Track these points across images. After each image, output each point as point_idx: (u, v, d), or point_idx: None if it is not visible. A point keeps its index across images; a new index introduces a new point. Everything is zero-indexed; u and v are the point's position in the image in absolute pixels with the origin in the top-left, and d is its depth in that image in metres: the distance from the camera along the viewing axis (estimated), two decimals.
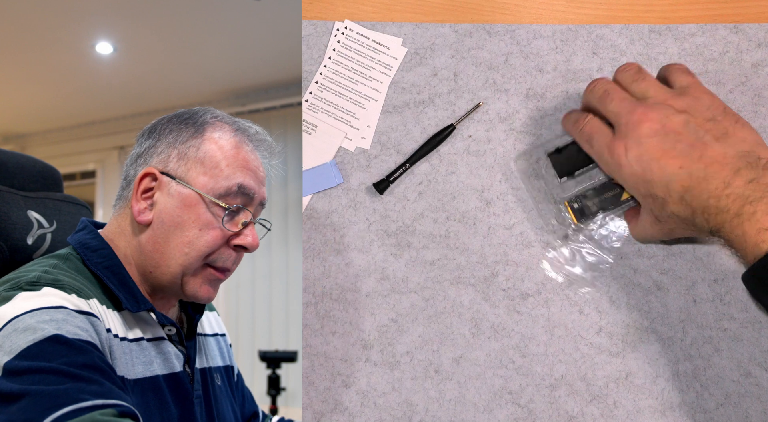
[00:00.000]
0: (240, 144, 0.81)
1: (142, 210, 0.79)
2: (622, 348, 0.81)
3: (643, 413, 0.80)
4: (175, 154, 0.80)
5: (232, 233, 0.79)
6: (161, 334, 0.80)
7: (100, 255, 0.79)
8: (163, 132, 0.81)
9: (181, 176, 0.79)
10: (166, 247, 0.78)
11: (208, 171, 0.79)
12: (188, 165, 0.79)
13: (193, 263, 0.78)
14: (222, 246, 0.80)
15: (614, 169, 0.72)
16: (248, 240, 0.80)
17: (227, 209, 0.78)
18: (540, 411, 0.80)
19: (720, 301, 0.81)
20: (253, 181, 0.81)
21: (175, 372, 0.80)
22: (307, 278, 0.85)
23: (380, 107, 0.87)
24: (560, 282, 0.82)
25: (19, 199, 0.87)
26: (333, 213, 0.85)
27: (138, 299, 0.77)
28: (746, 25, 0.84)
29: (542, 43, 0.86)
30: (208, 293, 0.81)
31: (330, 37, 0.88)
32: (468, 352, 0.82)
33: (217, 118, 0.82)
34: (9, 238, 0.84)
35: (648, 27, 0.85)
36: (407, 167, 0.84)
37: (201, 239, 0.78)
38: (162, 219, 0.78)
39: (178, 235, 0.78)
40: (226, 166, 0.79)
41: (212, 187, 0.79)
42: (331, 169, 0.85)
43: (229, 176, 0.79)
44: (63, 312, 0.68)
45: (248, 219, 0.80)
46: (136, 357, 0.76)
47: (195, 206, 0.78)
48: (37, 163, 0.94)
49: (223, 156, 0.79)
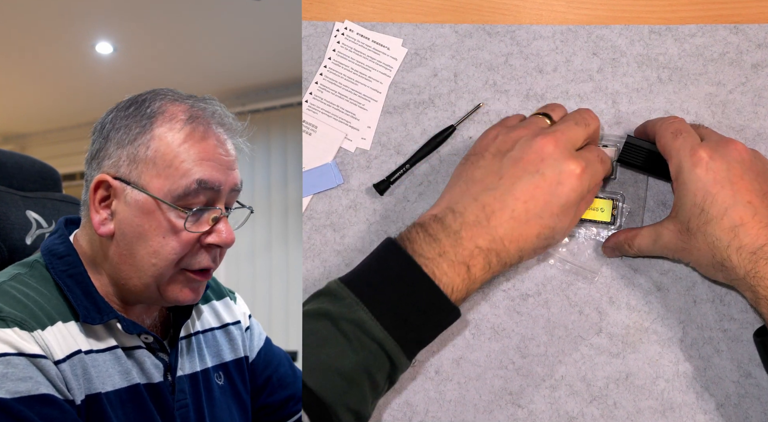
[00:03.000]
0: (194, 132, 0.71)
1: (102, 221, 0.71)
2: (622, 349, 0.81)
3: (643, 413, 0.80)
4: (125, 156, 0.71)
5: (201, 233, 0.71)
6: (137, 343, 0.74)
7: (65, 263, 0.73)
8: (112, 129, 0.72)
9: (134, 181, 0.70)
10: (134, 260, 0.71)
11: (162, 171, 0.70)
12: (140, 167, 0.70)
13: (164, 272, 0.71)
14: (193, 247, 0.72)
15: (685, 167, 0.71)
16: (222, 237, 0.71)
17: (189, 211, 0.70)
18: (540, 412, 0.80)
19: (720, 302, 0.81)
20: (217, 171, 0.71)
21: (153, 382, 0.74)
22: (307, 278, 0.85)
23: (380, 108, 0.86)
24: (566, 271, 0.82)
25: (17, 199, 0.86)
26: (333, 213, 0.85)
27: (101, 310, 0.71)
28: (746, 26, 0.84)
29: (542, 43, 0.86)
30: (191, 295, 0.74)
31: (330, 37, 0.88)
32: (468, 353, 0.82)
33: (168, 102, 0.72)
34: (8, 238, 0.83)
35: (648, 27, 0.85)
36: (407, 168, 0.84)
37: (167, 247, 0.70)
38: (123, 230, 0.71)
39: (142, 246, 0.70)
40: (182, 162, 0.70)
41: (170, 189, 0.69)
42: (331, 170, 0.85)
43: (186, 173, 0.69)
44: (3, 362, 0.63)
45: (218, 214, 0.71)
46: (112, 367, 0.71)
47: (154, 213, 0.70)
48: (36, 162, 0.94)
49: (177, 151, 0.70)
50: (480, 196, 0.69)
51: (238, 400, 0.84)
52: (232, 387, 0.84)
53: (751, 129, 0.83)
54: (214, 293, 0.88)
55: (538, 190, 0.68)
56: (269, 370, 0.88)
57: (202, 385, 0.80)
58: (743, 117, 0.83)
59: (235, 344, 0.86)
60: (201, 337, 0.83)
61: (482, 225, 0.68)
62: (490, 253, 0.68)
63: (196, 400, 0.78)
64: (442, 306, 0.68)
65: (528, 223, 0.69)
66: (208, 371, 0.82)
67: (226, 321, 0.87)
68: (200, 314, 0.84)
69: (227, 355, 0.85)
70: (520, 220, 0.68)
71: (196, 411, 0.78)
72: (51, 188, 0.93)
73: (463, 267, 0.68)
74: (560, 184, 0.68)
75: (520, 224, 0.68)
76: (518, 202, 0.68)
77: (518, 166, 0.69)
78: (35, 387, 0.64)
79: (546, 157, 0.69)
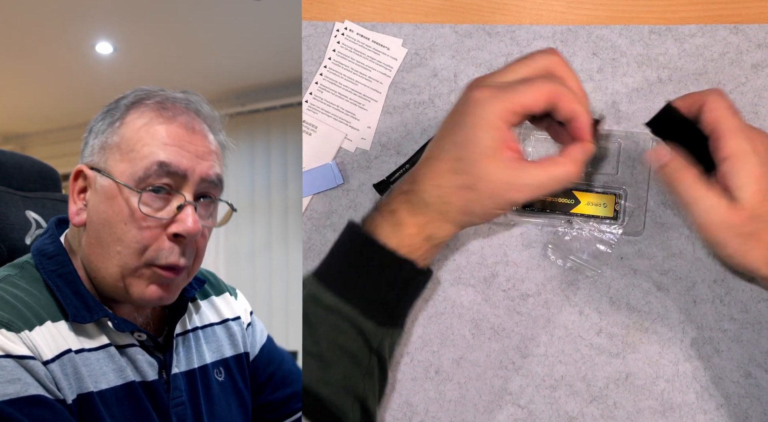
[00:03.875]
0: (158, 117, 0.69)
1: (77, 211, 0.71)
2: (622, 349, 0.81)
3: (643, 413, 0.80)
4: (98, 145, 0.70)
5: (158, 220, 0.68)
6: (130, 341, 0.73)
7: (55, 263, 0.72)
8: (94, 125, 0.72)
9: (103, 167, 0.69)
10: (101, 249, 0.69)
11: (125, 156, 0.68)
12: (107, 153, 0.69)
13: (128, 262, 0.69)
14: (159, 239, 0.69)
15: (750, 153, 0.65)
16: (185, 225, 0.68)
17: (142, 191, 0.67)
18: (540, 412, 0.80)
19: (720, 302, 0.81)
20: (182, 156, 0.69)
21: (148, 380, 0.73)
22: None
23: (380, 108, 0.86)
24: (567, 269, 0.82)
25: (17, 199, 0.86)
26: (333, 213, 0.85)
27: (91, 308, 0.70)
28: (746, 26, 0.84)
29: (542, 43, 0.86)
30: (158, 294, 0.71)
31: (330, 37, 0.88)
32: (468, 353, 0.82)
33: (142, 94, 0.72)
34: (7, 238, 0.83)
35: (648, 28, 0.85)
36: (407, 168, 0.84)
37: (128, 234, 0.68)
38: (92, 218, 0.70)
39: (107, 233, 0.69)
40: (144, 146, 0.68)
41: (132, 173, 0.68)
42: (331, 170, 0.85)
43: (148, 155, 0.68)
44: None
45: (182, 202, 0.69)
46: (106, 365, 0.70)
47: (116, 198, 0.68)
48: (36, 163, 0.94)
49: (140, 135, 0.69)
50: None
51: (238, 396, 0.84)
52: (233, 382, 0.84)
53: None
54: (213, 289, 0.87)
55: (446, 125, 0.68)
56: (272, 367, 0.87)
57: (200, 382, 0.79)
58: (743, 117, 0.83)
59: (235, 340, 0.85)
60: (200, 333, 0.82)
61: (410, 174, 0.69)
62: (409, 195, 0.68)
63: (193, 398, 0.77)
64: (384, 258, 0.68)
65: (440, 160, 0.67)
66: (207, 367, 0.81)
67: (225, 316, 0.86)
68: (198, 310, 0.84)
69: (227, 351, 0.84)
70: (433, 158, 0.68)
71: (193, 409, 0.77)
72: (51, 188, 0.93)
73: (390, 215, 0.68)
74: (462, 113, 0.66)
75: (433, 162, 0.67)
76: (433, 142, 0.69)
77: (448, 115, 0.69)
78: (24, 389, 0.64)
79: (460, 96, 0.68)
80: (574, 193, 0.82)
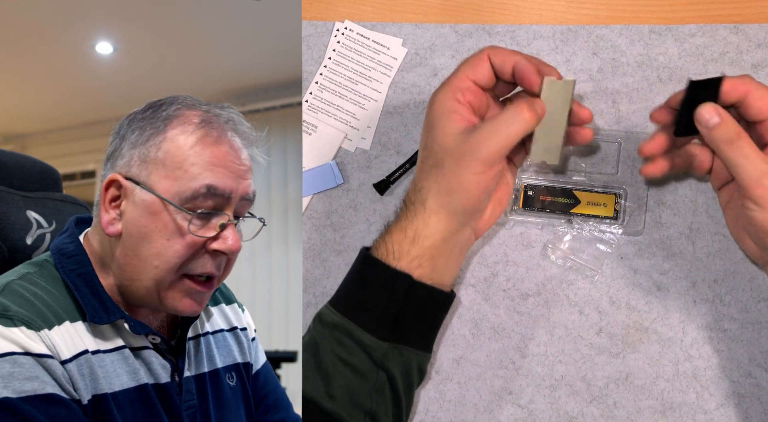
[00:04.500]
0: (206, 137, 0.70)
1: (111, 220, 0.71)
2: (622, 349, 0.81)
3: (643, 413, 0.80)
4: (137, 157, 0.71)
5: (206, 238, 0.70)
6: (144, 343, 0.74)
7: (74, 262, 0.73)
8: (128, 131, 0.72)
9: (143, 181, 0.70)
10: (137, 261, 0.71)
11: (171, 173, 0.69)
12: (150, 167, 0.70)
13: (165, 276, 0.70)
14: (197, 252, 0.71)
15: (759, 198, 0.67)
16: (227, 244, 0.71)
17: (194, 214, 0.69)
18: (540, 412, 0.80)
19: (720, 302, 0.81)
20: (227, 177, 0.70)
21: (161, 383, 0.74)
22: (307, 278, 0.85)
23: (380, 107, 0.87)
24: (567, 269, 0.82)
25: (18, 198, 0.86)
26: (333, 213, 0.85)
27: (109, 310, 0.71)
28: (746, 26, 0.84)
29: (542, 43, 0.86)
30: (191, 307, 0.73)
31: (330, 37, 0.88)
32: (468, 353, 0.82)
33: (184, 107, 0.72)
34: (8, 238, 0.83)
35: (648, 27, 0.85)
36: (407, 167, 0.84)
37: (170, 249, 0.70)
38: (129, 230, 0.71)
39: (146, 247, 0.70)
40: (192, 165, 0.69)
41: (177, 191, 0.69)
42: (331, 170, 0.85)
43: (196, 177, 0.69)
44: (9, 361, 0.63)
45: (225, 221, 0.71)
46: (120, 367, 0.71)
47: (160, 214, 0.69)
48: (37, 163, 0.94)
49: (187, 154, 0.69)
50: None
51: (247, 402, 0.84)
52: (243, 388, 0.84)
53: None
54: (224, 297, 0.88)
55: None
56: (266, 389, 0.88)
57: (209, 386, 0.79)
58: None
59: (243, 348, 0.86)
60: (211, 338, 0.83)
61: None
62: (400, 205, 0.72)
63: (202, 402, 0.78)
64: (374, 270, 0.70)
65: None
66: (218, 372, 0.82)
67: (234, 324, 0.87)
68: (210, 316, 0.84)
69: (238, 357, 0.85)
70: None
71: (202, 413, 0.77)
72: (51, 188, 0.93)
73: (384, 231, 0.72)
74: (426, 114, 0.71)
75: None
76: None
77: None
78: (41, 387, 0.64)
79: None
80: (574, 193, 0.82)
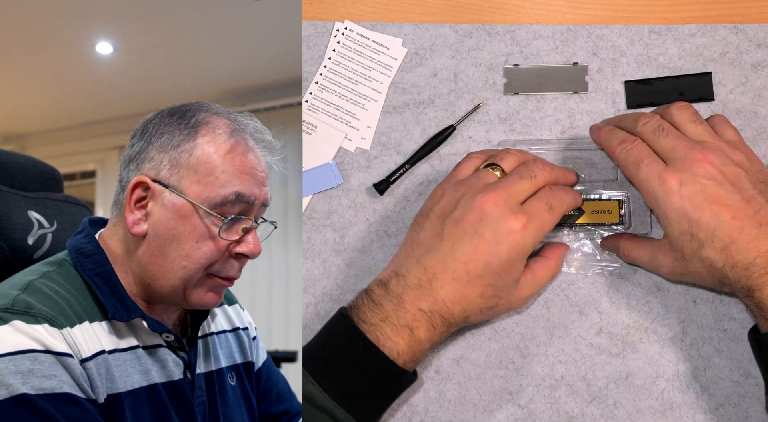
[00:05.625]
0: (236, 146, 0.74)
1: (136, 221, 0.74)
2: (622, 349, 0.81)
3: (643, 413, 0.80)
4: (167, 161, 0.74)
5: (231, 242, 0.74)
6: (158, 341, 0.76)
7: (93, 261, 0.75)
8: (155, 134, 0.75)
9: (174, 185, 0.73)
10: (164, 260, 0.73)
11: (202, 179, 0.73)
12: (181, 172, 0.73)
13: (193, 275, 0.74)
14: (223, 255, 0.75)
15: (659, 198, 0.70)
16: (250, 247, 0.75)
17: (224, 220, 0.73)
18: (540, 412, 0.80)
19: (720, 302, 0.81)
20: (253, 185, 0.75)
21: (174, 380, 0.76)
22: (307, 278, 0.85)
23: (380, 107, 0.87)
24: (590, 276, 0.82)
25: (19, 199, 0.86)
26: (333, 213, 0.85)
27: (128, 308, 0.73)
28: (746, 26, 0.84)
29: (542, 43, 0.86)
30: (215, 299, 0.77)
31: (330, 37, 0.88)
32: (468, 353, 0.82)
33: (212, 115, 0.76)
34: (9, 238, 0.83)
35: (648, 27, 0.85)
36: (407, 168, 0.84)
37: (199, 251, 0.73)
38: (157, 231, 0.73)
39: (174, 248, 0.73)
40: (222, 173, 0.73)
41: (207, 196, 0.73)
42: (331, 170, 0.85)
43: (226, 184, 0.73)
44: (30, 358, 0.65)
45: (249, 225, 0.75)
46: (132, 367, 0.73)
47: (190, 217, 0.73)
48: (38, 163, 0.94)
49: (218, 162, 0.73)
50: (422, 258, 0.70)
51: (248, 401, 0.86)
52: (243, 388, 0.86)
53: (751, 129, 0.83)
54: (226, 298, 0.90)
55: (477, 250, 0.69)
56: (270, 383, 0.91)
57: (216, 384, 0.82)
58: (743, 117, 0.83)
59: (244, 348, 0.89)
60: (215, 338, 0.85)
61: (424, 288, 0.69)
62: (433, 316, 0.69)
63: (210, 398, 0.80)
64: (388, 370, 0.69)
65: (470, 284, 0.69)
66: (222, 371, 0.84)
67: (236, 325, 0.90)
68: (214, 316, 0.87)
69: (238, 357, 0.87)
70: (461, 281, 0.69)
71: (211, 409, 0.79)
72: (52, 188, 0.93)
73: (406, 331, 0.69)
74: (499, 243, 0.69)
75: (462, 285, 0.69)
76: (458, 263, 0.69)
77: (459, 227, 0.70)
78: (59, 386, 0.66)
79: (485, 217, 0.69)
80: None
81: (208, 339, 0.84)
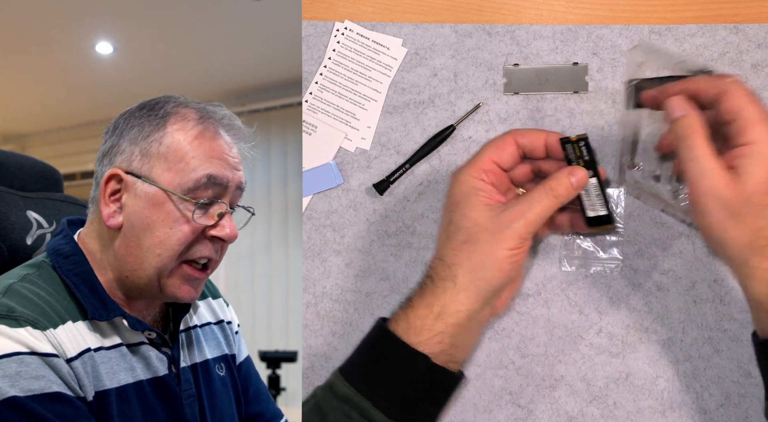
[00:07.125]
0: (204, 132, 0.75)
1: (112, 213, 0.75)
2: (622, 349, 0.81)
3: (643, 413, 0.80)
4: (138, 152, 0.75)
5: (205, 226, 0.75)
6: (141, 339, 0.76)
7: (71, 262, 0.76)
8: (125, 128, 0.76)
9: (146, 174, 0.74)
10: (139, 251, 0.74)
11: (173, 166, 0.74)
12: (152, 162, 0.74)
13: (167, 263, 0.74)
14: (197, 239, 0.75)
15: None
16: (225, 231, 0.76)
17: (197, 204, 0.74)
18: (540, 412, 0.80)
19: (720, 302, 0.81)
20: (225, 168, 0.75)
21: (159, 375, 0.77)
22: (307, 278, 0.85)
23: (380, 108, 0.87)
24: (591, 271, 0.82)
25: (18, 199, 0.86)
26: (333, 213, 0.85)
27: (108, 307, 0.74)
28: (746, 26, 0.84)
29: (542, 43, 0.86)
30: (189, 293, 0.77)
31: (330, 37, 0.88)
32: None
33: (180, 105, 0.77)
34: (8, 239, 0.84)
35: (648, 27, 0.85)
36: (407, 168, 0.84)
37: (173, 237, 0.74)
38: (132, 222, 0.74)
39: (149, 237, 0.74)
40: (192, 158, 0.74)
41: (180, 183, 0.74)
42: (331, 170, 0.85)
43: (197, 168, 0.74)
44: (16, 361, 0.65)
45: (223, 209, 0.75)
46: (117, 364, 0.74)
47: (163, 204, 0.74)
48: (37, 163, 0.94)
49: (188, 148, 0.74)
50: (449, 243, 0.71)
51: (235, 391, 0.87)
52: (232, 378, 0.87)
53: None
54: (209, 291, 0.91)
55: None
56: (247, 382, 0.92)
57: (201, 376, 0.83)
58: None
59: (229, 340, 0.90)
60: (199, 331, 0.86)
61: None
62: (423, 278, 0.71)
63: (200, 390, 0.81)
64: (394, 347, 0.69)
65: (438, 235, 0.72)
66: (208, 362, 0.85)
67: (220, 318, 0.90)
68: (197, 309, 0.88)
69: (225, 348, 0.88)
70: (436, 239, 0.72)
71: (200, 401, 0.80)
72: (52, 188, 0.94)
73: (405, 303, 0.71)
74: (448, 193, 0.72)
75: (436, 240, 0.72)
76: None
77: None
78: (48, 386, 0.66)
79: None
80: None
81: (191, 331, 0.84)
